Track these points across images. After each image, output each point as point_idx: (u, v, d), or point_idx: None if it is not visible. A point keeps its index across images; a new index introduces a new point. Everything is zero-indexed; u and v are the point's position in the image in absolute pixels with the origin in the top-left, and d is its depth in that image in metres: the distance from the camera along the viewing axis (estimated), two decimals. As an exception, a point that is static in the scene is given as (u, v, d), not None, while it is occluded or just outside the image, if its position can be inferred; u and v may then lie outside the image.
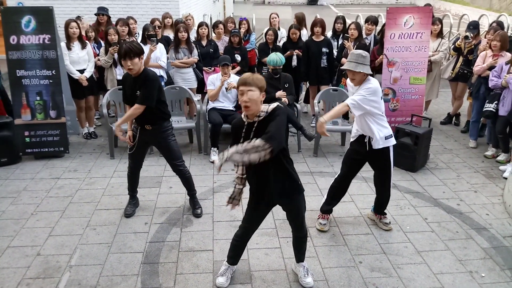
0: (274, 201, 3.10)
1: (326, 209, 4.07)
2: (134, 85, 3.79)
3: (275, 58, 5.49)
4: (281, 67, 5.54)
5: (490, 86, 5.41)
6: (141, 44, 6.04)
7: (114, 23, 6.39)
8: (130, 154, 4.11)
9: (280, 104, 2.82)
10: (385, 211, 4.09)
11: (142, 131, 3.96)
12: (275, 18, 7.10)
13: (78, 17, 6.49)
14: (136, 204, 4.36)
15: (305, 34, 7.03)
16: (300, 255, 3.36)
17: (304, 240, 3.32)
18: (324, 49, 6.33)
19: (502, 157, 5.48)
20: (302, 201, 3.18)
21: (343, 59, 6.23)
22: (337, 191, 4.04)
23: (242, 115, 2.88)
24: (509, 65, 5.26)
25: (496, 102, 5.36)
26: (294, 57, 6.46)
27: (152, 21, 6.67)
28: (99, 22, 6.79)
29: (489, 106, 5.41)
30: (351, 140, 3.93)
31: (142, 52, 3.73)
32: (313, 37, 6.38)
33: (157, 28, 6.48)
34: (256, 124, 2.79)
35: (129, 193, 4.32)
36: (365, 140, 3.74)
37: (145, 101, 3.76)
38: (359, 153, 3.83)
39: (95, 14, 6.85)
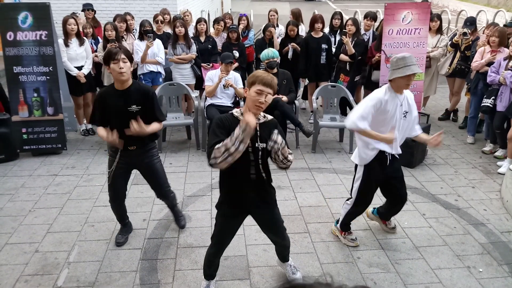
0: (251, 209, 2.93)
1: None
2: (123, 99, 3.23)
3: (267, 52, 5.49)
4: (275, 59, 5.50)
5: (488, 81, 5.41)
6: (138, 40, 6.08)
7: (106, 20, 6.35)
8: (109, 184, 3.53)
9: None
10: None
11: (123, 154, 3.38)
12: (274, 15, 7.08)
13: (74, 13, 6.46)
14: (129, 230, 3.83)
15: (302, 29, 7.01)
16: (284, 256, 3.28)
17: (289, 246, 3.20)
18: (323, 45, 6.31)
19: (499, 152, 5.49)
20: (279, 213, 3.05)
21: (341, 55, 6.22)
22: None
23: (236, 113, 2.70)
24: (507, 60, 5.26)
25: (493, 97, 5.36)
26: (290, 50, 6.44)
27: (155, 17, 6.59)
28: (86, 17, 6.75)
29: (487, 102, 5.42)
30: (367, 162, 3.42)
31: (132, 59, 3.31)
32: (312, 33, 6.36)
33: (159, 23, 6.43)
34: (258, 126, 2.66)
35: (119, 223, 3.81)
36: (386, 154, 3.42)
37: (163, 115, 3.42)
38: (380, 173, 3.46)
39: (82, 10, 6.81)
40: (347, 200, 3.67)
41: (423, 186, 4.80)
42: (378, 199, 3.97)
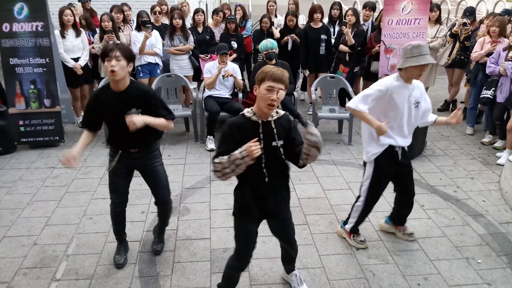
0: (266, 215, 2.75)
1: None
2: (120, 102, 2.95)
3: (265, 42, 5.44)
4: (274, 50, 5.45)
5: (487, 72, 5.38)
6: (135, 31, 6.02)
7: (103, 10, 6.28)
8: (110, 186, 3.31)
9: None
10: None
11: (124, 155, 3.13)
12: (273, 6, 7.01)
13: (71, 4, 6.39)
14: (126, 249, 3.50)
15: (301, 19, 6.96)
16: (290, 266, 3.13)
17: (295, 257, 3.06)
18: (323, 36, 6.25)
19: (499, 143, 5.48)
20: (291, 220, 2.86)
21: (341, 46, 6.18)
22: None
23: (247, 113, 2.48)
24: (506, 51, 5.23)
25: (493, 89, 5.33)
26: (290, 41, 6.40)
27: (153, 8, 6.51)
28: (85, 8, 6.68)
29: (487, 93, 5.39)
30: (376, 156, 3.32)
31: (132, 59, 2.97)
32: (312, 23, 6.30)
33: (157, 13, 6.36)
34: (274, 124, 2.49)
35: (116, 237, 3.46)
36: (397, 149, 3.34)
37: (170, 114, 3.11)
38: (391, 167, 3.37)
39: (79, 1, 6.74)
40: (357, 201, 3.54)
41: (422, 178, 4.80)
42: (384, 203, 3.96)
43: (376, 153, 3.31)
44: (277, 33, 6.42)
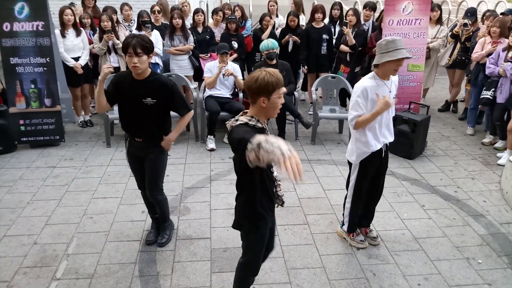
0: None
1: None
2: (138, 90, 3.10)
3: (266, 42, 5.45)
4: (274, 50, 5.46)
5: (487, 73, 5.38)
6: (135, 30, 6.01)
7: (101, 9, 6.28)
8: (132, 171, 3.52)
9: None
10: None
11: (131, 142, 3.31)
12: (274, 6, 7.01)
13: (72, 4, 6.39)
14: (158, 227, 3.68)
15: (302, 19, 6.95)
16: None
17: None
18: (324, 36, 6.25)
19: (499, 144, 5.48)
20: None
21: (342, 46, 6.18)
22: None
23: (251, 121, 2.34)
24: (506, 52, 5.22)
25: (493, 89, 5.33)
26: (290, 42, 6.40)
27: (152, 7, 6.49)
28: (86, 6, 6.67)
29: (486, 94, 5.39)
30: (363, 157, 3.32)
31: (152, 49, 3.06)
32: (313, 23, 6.30)
33: (156, 13, 6.36)
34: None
35: (150, 215, 3.74)
36: (384, 149, 3.36)
37: (186, 108, 3.27)
38: (374, 164, 3.39)
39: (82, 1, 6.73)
40: (345, 201, 3.57)
41: (423, 178, 4.79)
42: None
43: (365, 155, 3.31)
44: (266, 34, 6.39)
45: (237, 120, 2.36)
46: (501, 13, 6.05)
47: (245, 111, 2.45)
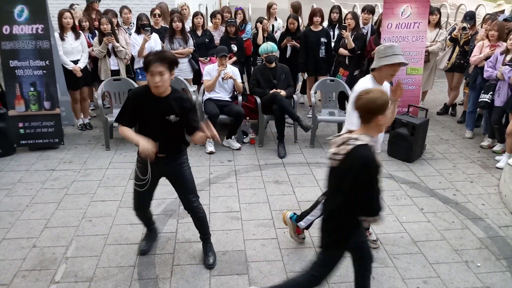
0: None
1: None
2: (161, 107, 2.93)
3: (266, 45, 5.48)
4: (274, 53, 5.48)
5: (485, 76, 5.40)
6: (135, 33, 6.02)
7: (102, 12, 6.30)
8: (138, 192, 3.26)
9: None
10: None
11: (153, 161, 3.06)
12: (276, 9, 7.02)
13: (72, 6, 6.40)
14: (153, 237, 3.59)
15: (301, 22, 6.98)
16: None
17: None
18: (322, 39, 6.27)
19: (498, 147, 5.49)
20: None
21: (341, 49, 6.19)
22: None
23: (370, 143, 2.40)
24: (504, 55, 5.24)
25: (491, 93, 5.35)
26: (289, 48, 6.41)
27: (152, 11, 6.50)
28: (93, 9, 6.68)
29: (484, 97, 5.41)
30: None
31: (175, 63, 2.87)
32: (312, 27, 6.31)
33: (156, 16, 6.37)
34: None
35: (145, 226, 3.63)
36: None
37: (199, 122, 3.05)
38: None
39: (91, 2, 6.74)
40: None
41: (422, 181, 4.80)
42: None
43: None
44: (260, 39, 6.41)
45: (356, 139, 2.37)
46: (504, 19, 6.06)
47: (351, 130, 2.51)
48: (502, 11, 7.60)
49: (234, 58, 6.34)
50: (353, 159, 2.34)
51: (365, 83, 3.22)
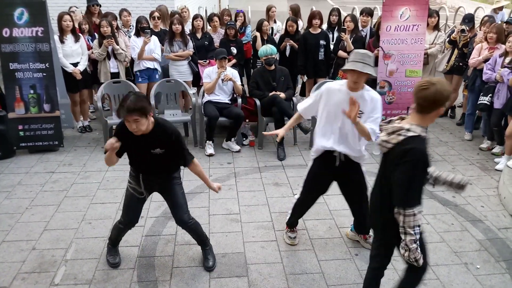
0: None
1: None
2: (145, 142, 2.98)
3: (265, 48, 5.49)
4: (273, 55, 5.50)
5: (484, 79, 5.41)
6: (134, 36, 6.03)
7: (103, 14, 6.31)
8: (124, 208, 3.33)
9: None
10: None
11: (144, 178, 3.17)
12: (275, 11, 7.04)
13: (71, 9, 6.42)
14: (117, 252, 3.52)
15: (300, 25, 6.99)
16: None
17: None
18: (321, 42, 6.28)
19: (497, 149, 5.50)
20: None
21: (340, 52, 6.21)
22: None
23: (425, 133, 2.42)
24: (502, 57, 5.26)
25: (490, 95, 5.36)
26: (288, 47, 6.42)
27: (151, 13, 6.51)
28: (92, 12, 6.70)
29: (484, 99, 5.41)
30: (315, 156, 3.36)
31: (150, 110, 2.86)
32: (311, 29, 6.33)
33: (156, 19, 6.39)
34: None
35: (109, 244, 3.51)
36: (335, 154, 3.23)
37: (191, 155, 3.19)
38: (326, 170, 3.36)
39: (88, 5, 6.76)
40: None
41: (421, 183, 4.80)
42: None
43: (316, 154, 3.33)
44: (259, 44, 6.42)
45: (408, 130, 2.35)
46: (505, 22, 6.08)
47: (402, 116, 2.48)
48: (501, 8, 7.63)
49: (234, 61, 6.35)
50: (403, 152, 2.33)
51: (334, 83, 3.21)
